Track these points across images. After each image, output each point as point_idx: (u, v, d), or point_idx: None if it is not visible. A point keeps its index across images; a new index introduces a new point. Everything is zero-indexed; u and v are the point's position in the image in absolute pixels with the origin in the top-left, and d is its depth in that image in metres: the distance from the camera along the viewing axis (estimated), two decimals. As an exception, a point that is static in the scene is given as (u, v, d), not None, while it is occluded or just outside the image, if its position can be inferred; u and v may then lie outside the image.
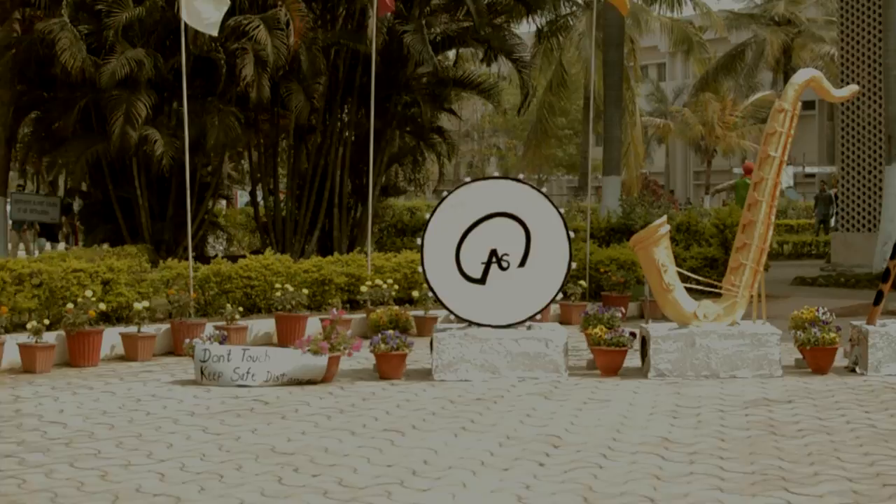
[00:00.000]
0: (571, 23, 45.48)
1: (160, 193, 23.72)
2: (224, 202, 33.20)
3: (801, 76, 13.63)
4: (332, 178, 25.11)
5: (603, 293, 18.95)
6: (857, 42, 27.75)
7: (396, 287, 17.25)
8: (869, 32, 27.37)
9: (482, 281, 12.96)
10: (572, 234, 13.16)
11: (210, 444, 9.36)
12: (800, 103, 13.64)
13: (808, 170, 67.17)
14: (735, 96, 63.26)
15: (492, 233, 12.97)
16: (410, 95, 25.65)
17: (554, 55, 43.96)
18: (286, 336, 15.43)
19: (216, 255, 22.85)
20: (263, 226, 25.85)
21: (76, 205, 29.84)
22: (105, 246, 21.62)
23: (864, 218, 27.55)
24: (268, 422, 10.29)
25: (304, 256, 21.42)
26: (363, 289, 16.92)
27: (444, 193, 13.23)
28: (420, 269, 13.18)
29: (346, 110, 25.57)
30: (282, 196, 26.20)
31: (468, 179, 13.31)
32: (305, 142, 25.64)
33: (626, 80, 44.70)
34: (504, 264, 12.96)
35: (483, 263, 12.96)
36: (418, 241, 13.13)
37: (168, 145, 21.31)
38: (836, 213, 30.74)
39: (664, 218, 13.33)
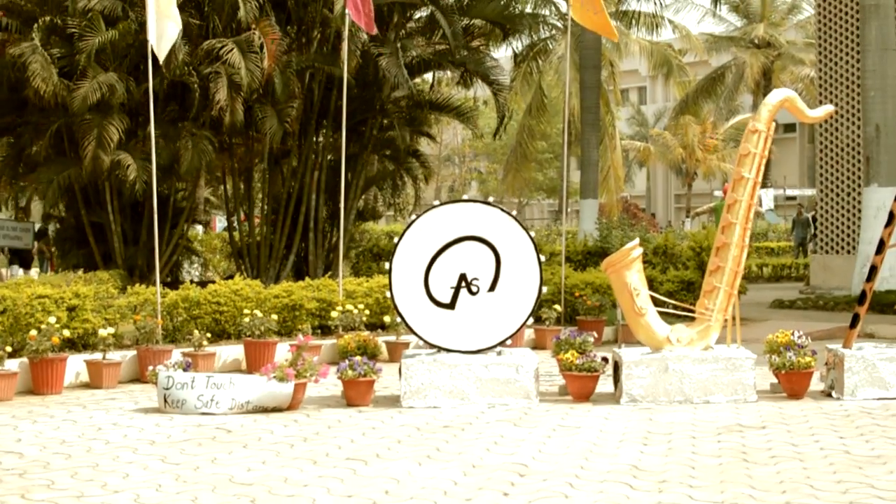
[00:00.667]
0: (551, 46, 45.34)
1: (133, 218, 23.54)
2: (200, 227, 32.93)
3: (775, 96, 13.44)
4: (308, 202, 24.93)
5: (578, 317, 18.73)
6: (835, 64, 27.65)
7: (368, 312, 17.02)
8: (847, 54, 27.27)
9: (451, 306, 12.73)
10: (543, 259, 12.94)
11: (167, 474, 9.12)
12: (775, 124, 13.46)
13: (789, 192, 67.10)
14: (715, 119, 63.25)
15: (461, 257, 12.75)
16: (386, 119, 25.51)
17: (533, 79, 43.86)
18: (255, 362, 15.17)
19: (190, 281, 22.65)
20: (238, 251, 25.61)
21: (52, 230, 29.61)
22: (80, 272, 21.37)
23: (843, 240, 27.41)
24: (229, 451, 10.05)
25: (280, 281, 21.21)
26: (334, 314, 16.69)
27: (413, 217, 13.02)
28: (388, 293, 12.95)
29: (322, 134, 25.38)
30: (258, 221, 26.02)
31: (437, 203, 13.10)
32: (281, 166, 25.47)
33: (605, 104, 44.67)
34: (474, 289, 12.74)
35: (452, 288, 12.74)
36: (387, 265, 12.91)
37: (141, 170, 21.13)
38: (815, 236, 30.61)
39: (636, 241, 13.12)
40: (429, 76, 28.42)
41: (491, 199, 13.41)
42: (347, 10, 17.97)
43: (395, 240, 12.91)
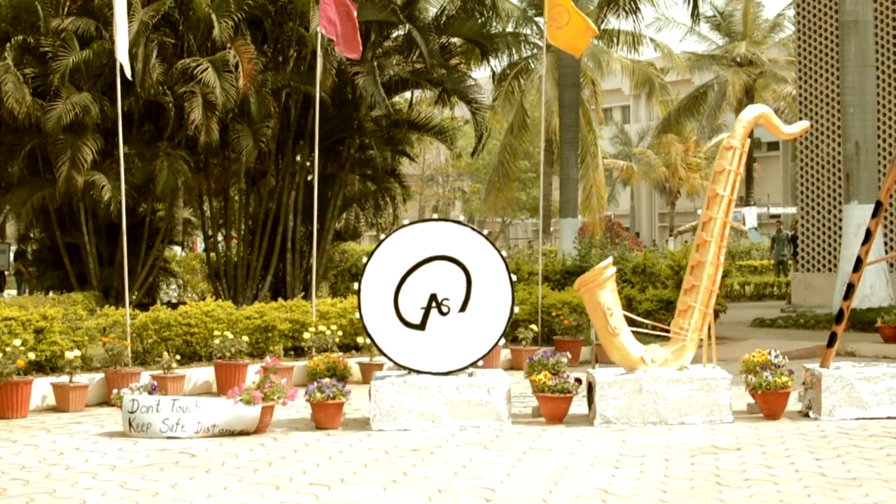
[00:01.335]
0: (533, 65, 45.22)
1: (109, 239, 23.31)
2: (178, 248, 32.69)
3: (750, 112, 13.28)
4: (285, 222, 24.73)
5: (555, 337, 18.52)
6: (815, 80, 27.54)
7: (341, 333, 16.79)
8: (827, 70, 27.17)
9: (422, 326, 12.53)
10: (521, 278, 12.74)
11: (126, 500, 8.90)
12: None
13: (773, 210, 67.00)
14: (698, 137, 63.19)
15: (431, 277, 12.56)
16: (364, 138, 25.32)
17: (515, 98, 43.72)
18: (226, 384, 14.91)
19: (168, 302, 22.42)
20: (215, 271, 25.36)
21: (30, 251, 29.35)
22: (51, 293, 21.16)
23: (824, 258, 27.26)
24: (191, 476, 9.82)
25: (257, 301, 20.98)
26: (306, 335, 16.46)
27: (382, 237, 12.82)
28: (357, 314, 12.74)
29: (299, 153, 25.18)
30: (235, 241, 25.80)
31: (406, 222, 12.91)
32: (258, 186, 25.27)
33: (588, 123, 44.55)
34: (444, 309, 12.55)
35: (423, 308, 12.54)
36: (355, 285, 12.70)
37: (115, 190, 20.89)
38: (796, 254, 30.45)
39: (609, 260, 12.92)
40: (407, 95, 28.25)
41: (474, 219, 13.23)
42: (320, 28, 17.79)
43: (365, 260, 12.70)
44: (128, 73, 15.79)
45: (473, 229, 12.78)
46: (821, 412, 12.63)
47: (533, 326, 18.01)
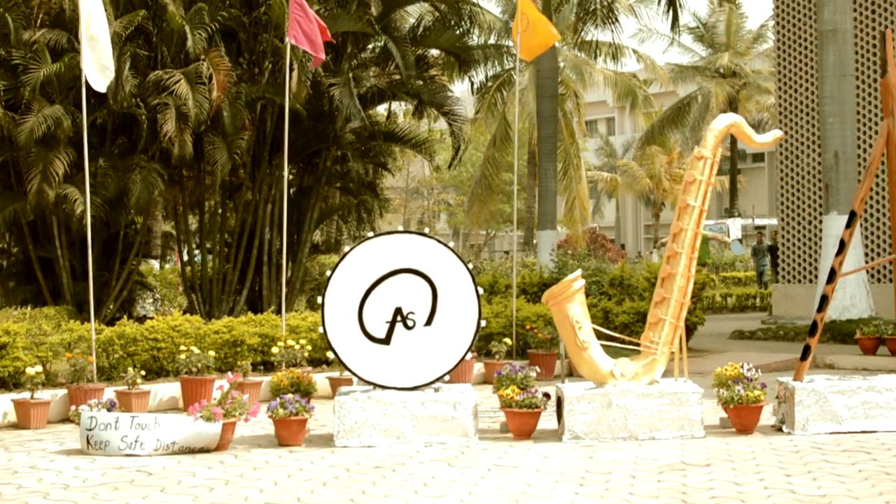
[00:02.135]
0: (514, 77, 45.09)
1: (82, 253, 22.99)
2: (155, 262, 32.40)
3: (721, 122, 13.06)
4: (262, 235, 24.49)
5: (530, 351, 18.29)
6: (795, 91, 27.40)
7: (310, 347, 16.53)
8: (806, 80, 27.02)
9: (387, 341, 12.29)
10: (481, 291, 12.52)
11: (74, 522, 8.65)
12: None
13: (758, 222, 66.90)
14: (682, 149, 63.07)
15: (396, 290, 12.32)
16: (341, 150, 25.11)
17: (498, 110, 43.63)
18: (192, 400, 14.56)
19: (143, 316, 22.16)
20: (191, 285, 25.10)
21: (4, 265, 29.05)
22: (27, 308, 20.88)
23: (804, 269, 27.09)
24: (144, 495, 9.57)
25: (234, 316, 20.73)
26: (274, 350, 16.21)
27: (346, 249, 12.58)
28: (321, 328, 12.50)
29: (275, 166, 24.93)
30: (210, 254, 25.54)
31: (371, 234, 12.69)
32: (234, 198, 25.04)
33: (570, 135, 44.44)
34: (410, 323, 12.31)
35: (387, 322, 12.30)
36: (318, 299, 12.47)
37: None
38: (776, 265, 30.26)
39: (578, 272, 12.70)
40: (385, 107, 28.08)
41: (459, 231, 12.99)
42: (289, 38, 17.60)
43: (328, 273, 12.47)
44: (93, 85, 15.49)
45: (439, 241, 12.54)
46: (794, 426, 12.40)
47: (507, 340, 17.77)
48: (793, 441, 11.98)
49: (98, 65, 15.27)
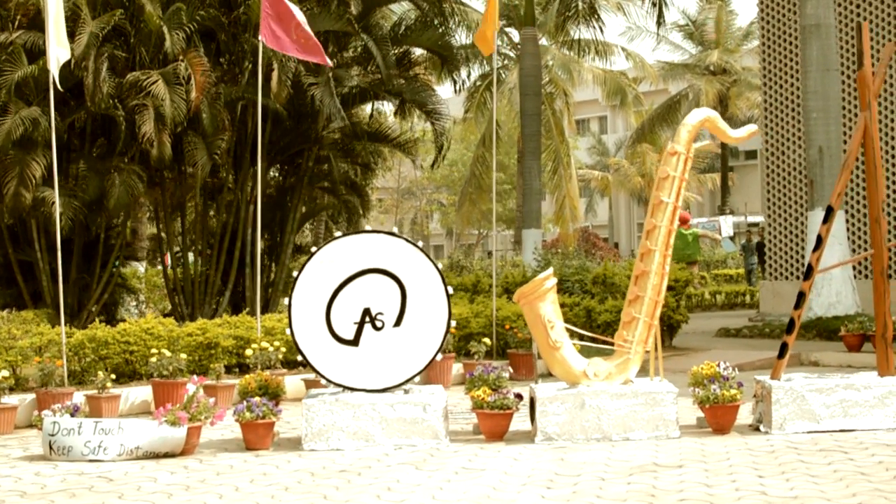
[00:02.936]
0: (504, 76, 45.00)
1: (63, 256, 22.80)
2: (142, 264, 32.17)
3: (695, 117, 12.89)
4: (243, 236, 24.27)
5: (509, 350, 18.08)
6: (780, 86, 27.20)
7: (285, 349, 16.30)
8: (791, 76, 26.83)
9: (355, 342, 12.08)
10: (451, 290, 12.31)
11: (25, 530, 8.44)
12: (694, 145, 12.89)
13: (751, 219, 66.74)
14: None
15: (365, 291, 12.11)
16: (323, 151, 24.90)
17: (487, 108, 43.42)
18: (164, 404, 14.41)
19: (120, 319, 21.93)
20: (173, 287, 24.88)
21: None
22: (4, 312, 20.65)
23: (792, 266, 26.89)
24: (101, 502, 9.37)
25: (217, 318, 20.52)
26: (248, 352, 15.99)
27: (313, 249, 12.37)
28: (288, 330, 12.29)
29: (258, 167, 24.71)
30: (193, 256, 25.33)
31: (339, 234, 12.48)
32: (216, 200, 24.82)
33: (560, 133, 44.23)
34: (378, 324, 12.10)
35: (356, 324, 12.10)
36: (285, 301, 12.26)
37: (66, 206, 20.49)
38: (763, 262, 30.05)
39: (550, 271, 12.49)
40: (369, 107, 27.86)
41: (452, 231, 12.78)
42: (261, 36, 17.42)
43: (295, 274, 12.26)
44: (52, 69, 15.30)
45: (408, 241, 12.34)
46: (771, 426, 12.20)
47: (486, 340, 17.56)
48: (769, 441, 11.77)
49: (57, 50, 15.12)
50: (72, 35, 20.59)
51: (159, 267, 34.27)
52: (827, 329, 21.13)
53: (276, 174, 26.32)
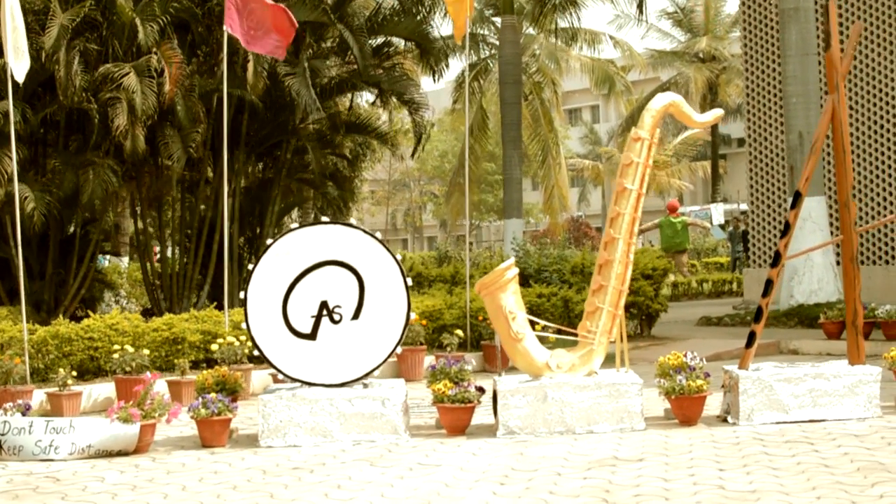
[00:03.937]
0: (492, 65, 44.68)
1: (40, 252, 22.61)
2: (124, 259, 31.95)
3: (659, 101, 12.64)
4: (222, 229, 24.01)
5: (483, 342, 17.86)
6: (762, 71, 26.96)
7: (251, 344, 16.06)
8: (773, 61, 26.57)
9: (312, 336, 11.84)
10: (410, 282, 12.08)
11: (-42, 534, 8.22)
12: (658, 131, 12.67)
13: (742, 207, 66.56)
14: (663, 134, 62.58)
15: (322, 283, 11.88)
16: (300, 142, 24.63)
17: (475, 98, 43.12)
18: (128, 400, 14.21)
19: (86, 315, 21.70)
20: (151, 282, 24.64)
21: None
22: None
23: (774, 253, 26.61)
24: (43, 503, 9.14)
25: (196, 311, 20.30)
26: (213, 347, 15.76)
27: (269, 241, 12.13)
28: (244, 324, 12.06)
29: (236, 159, 24.46)
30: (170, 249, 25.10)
31: (295, 226, 12.25)
32: (194, 193, 24.57)
33: (548, 123, 43.98)
34: (336, 317, 11.87)
35: (313, 317, 11.86)
36: (241, 294, 12.03)
37: (40, 201, 20.23)
38: (747, 249, 29.81)
39: (511, 260, 12.26)
40: (358, 99, 27.67)
41: (446, 222, 12.55)
42: (226, 26, 17.20)
43: (251, 267, 12.03)
44: (17, 76, 15.10)
45: (366, 232, 12.10)
46: (739, 417, 11.97)
47: (459, 332, 17.34)
48: (735, 433, 11.54)
49: (17, 51, 14.89)
50: (43, 28, 20.44)
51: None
52: (808, 317, 20.90)
53: (255, 167, 26.06)
